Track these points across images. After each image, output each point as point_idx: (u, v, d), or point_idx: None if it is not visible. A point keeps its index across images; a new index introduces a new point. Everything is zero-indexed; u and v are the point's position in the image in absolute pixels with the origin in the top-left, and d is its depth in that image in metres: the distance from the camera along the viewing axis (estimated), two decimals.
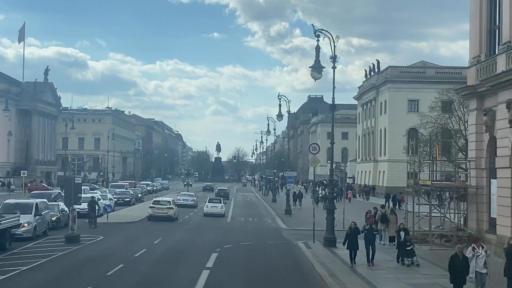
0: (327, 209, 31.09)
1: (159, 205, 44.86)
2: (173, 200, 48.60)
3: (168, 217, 43.81)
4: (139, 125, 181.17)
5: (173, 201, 48.10)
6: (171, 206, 45.17)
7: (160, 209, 44.33)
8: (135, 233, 36.14)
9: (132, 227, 39.60)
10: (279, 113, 54.08)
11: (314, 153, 32.77)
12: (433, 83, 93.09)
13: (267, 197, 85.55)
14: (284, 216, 51.59)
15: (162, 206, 44.78)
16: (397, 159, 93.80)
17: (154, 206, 44.63)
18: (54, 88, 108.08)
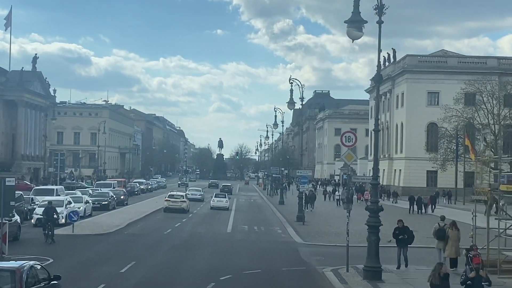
0: (370, 225, 21.09)
1: (173, 199, 49.00)
2: (185, 194, 54.85)
3: (181, 209, 47.69)
4: (139, 120, 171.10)
5: (186, 195, 53.80)
6: (184, 199, 49.63)
7: (175, 202, 48.42)
8: (102, 252, 26.14)
9: (102, 242, 29.52)
10: (290, 100, 44.13)
11: (348, 145, 22.86)
12: (455, 74, 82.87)
13: (273, 198, 75.46)
14: (296, 224, 41.56)
15: (176, 199, 48.90)
16: (415, 157, 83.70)
17: (170, 200, 48.79)
18: (43, 78, 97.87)
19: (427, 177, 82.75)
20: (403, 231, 22.74)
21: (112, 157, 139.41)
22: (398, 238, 22.59)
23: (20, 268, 12.97)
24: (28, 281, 12.86)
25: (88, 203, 41.64)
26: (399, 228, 22.84)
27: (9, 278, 12.57)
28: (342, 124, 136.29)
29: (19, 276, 12.65)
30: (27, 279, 12.88)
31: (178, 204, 48.21)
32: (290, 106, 44.31)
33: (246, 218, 46.44)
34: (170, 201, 48.47)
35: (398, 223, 22.98)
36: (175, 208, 47.44)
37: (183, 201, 48.88)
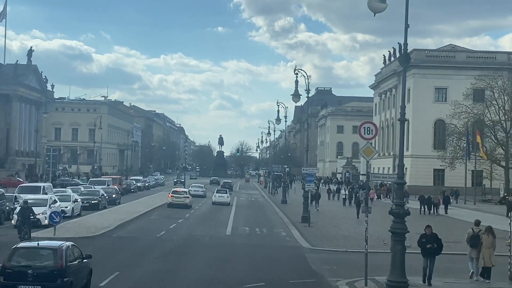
0: (396, 232, 17.61)
1: (177, 195, 50.36)
2: (188, 190, 56.42)
3: (184, 204, 48.79)
4: (139, 117, 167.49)
5: (189, 191, 55.29)
6: (187, 195, 51.13)
7: (178, 198, 49.63)
8: None
9: (85, 246, 25.51)
10: (295, 92, 40.60)
11: (368, 138, 19.45)
12: (464, 69, 79.33)
13: (274, 196, 71.95)
14: (301, 225, 38.09)
15: (179, 195, 50.29)
16: (422, 155, 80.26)
17: (173, 195, 50.15)
18: (39, 72, 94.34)
19: (434, 175, 79.33)
20: (432, 239, 19.17)
21: (111, 154, 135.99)
22: (426, 247, 19.02)
23: (60, 247, 15.38)
24: (67, 258, 15.13)
25: (77, 202, 38.16)
26: (426, 235, 19.23)
27: (51, 255, 15.02)
28: (344, 122, 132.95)
29: (60, 253, 14.99)
30: (66, 256, 15.14)
31: (182, 199, 49.65)
32: (294, 98, 40.80)
33: (247, 219, 43.00)
34: (174, 196, 50.02)
35: (426, 230, 19.38)
36: (179, 203, 48.83)
37: (186, 197, 50.47)
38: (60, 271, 14.70)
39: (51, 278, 14.59)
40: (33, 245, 15.94)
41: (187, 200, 50.00)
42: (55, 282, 14.56)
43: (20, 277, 14.53)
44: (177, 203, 48.80)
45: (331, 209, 51.81)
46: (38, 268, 14.75)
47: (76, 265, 15.70)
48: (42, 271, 14.69)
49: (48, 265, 14.84)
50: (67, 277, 14.78)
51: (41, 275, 14.60)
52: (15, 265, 14.77)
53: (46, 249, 15.50)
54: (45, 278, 14.57)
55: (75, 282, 15.32)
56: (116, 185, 59.88)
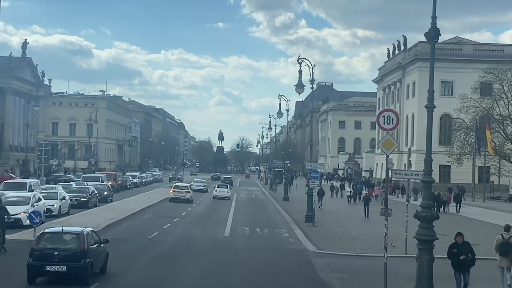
0: (422, 239, 14.82)
1: (179, 189, 51.27)
2: (189, 185, 57.04)
3: (186, 199, 49.76)
4: (138, 112, 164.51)
5: (190, 186, 56.27)
6: (188, 190, 51.96)
7: (180, 193, 50.52)
8: None
9: None
10: (299, 82, 37.76)
11: (388, 129, 16.75)
12: (470, 62, 76.44)
13: (275, 193, 69.13)
14: (304, 225, 35.32)
15: (181, 190, 51.23)
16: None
17: (175, 190, 51.08)
18: (33, 65, 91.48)
19: (439, 171, 76.48)
20: (464, 249, 16.09)
21: (109, 149, 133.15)
22: (459, 259, 15.98)
23: (82, 232, 17.14)
24: (89, 241, 16.74)
25: (64, 200, 35.37)
26: (458, 245, 16.08)
27: (75, 239, 16.69)
28: (346, 117, 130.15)
29: (82, 238, 16.62)
30: (87, 240, 16.75)
31: (183, 194, 50.49)
32: (298, 89, 37.92)
33: (247, 217, 40.23)
34: (176, 191, 50.93)
35: (457, 238, 16.15)
36: (180, 198, 49.67)
37: (188, 192, 51.36)
38: (82, 253, 16.36)
39: (75, 259, 16.22)
40: (58, 230, 17.68)
41: (188, 194, 50.81)
42: (78, 262, 16.22)
43: (48, 258, 16.20)
44: (178, 198, 49.63)
45: (335, 207, 49.03)
46: (63, 250, 16.40)
47: (95, 248, 17.33)
48: (67, 253, 16.33)
49: (72, 248, 16.52)
50: (88, 258, 16.47)
51: (66, 256, 16.25)
52: (43, 248, 16.45)
53: (70, 233, 17.31)
54: (69, 259, 16.20)
55: (95, 263, 17.10)
56: (111, 182, 57.14)
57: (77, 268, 16.29)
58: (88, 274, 16.56)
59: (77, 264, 16.25)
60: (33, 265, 16.29)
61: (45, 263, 16.20)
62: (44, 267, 16.21)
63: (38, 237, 17.27)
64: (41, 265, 16.21)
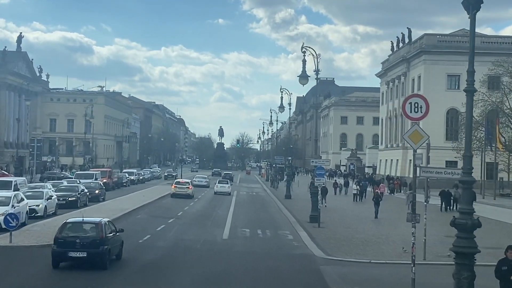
0: (462, 252, 12.00)
1: (180, 185, 51.94)
2: (191, 181, 57.26)
3: (187, 194, 50.21)
4: (137, 108, 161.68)
5: (191, 181, 56.46)
6: (189, 186, 52.31)
7: (181, 188, 51.10)
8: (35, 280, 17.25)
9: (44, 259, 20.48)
10: (302, 72, 34.95)
11: (415, 118, 14.02)
12: (478, 55, 72.86)
13: (277, 190, 66.34)
14: (309, 226, 32.60)
15: (182, 186, 51.80)
16: (433, 146, 74.20)
17: (177, 186, 51.76)
18: (29, 59, 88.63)
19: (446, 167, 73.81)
20: None
21: (107, 146, 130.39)
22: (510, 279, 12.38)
23: (100, 221, 19.27)
24: (106, 230, 18.81)
25: (51, 200, 32.62)
26: (508, 261, 12.58)
27: (94, 228, 18.73)
28: (348, 112, 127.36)
29: (100, 227, 18.70)
30: (105, 229, 18.81)
31: (184, 190, 51.00)
32: (302, 80, 35.09)
33: (248, 217, 37.47)
34: (177, 187, 51.56)
35: (507, 253, 12.63)
36: (182, 193, 50.20)
37: (189, 188, 51.79)
38: (101, 240, 17.96)
39: (94, 246, 17.79)
40: (79, 220, 19.53)
41: (189, 190, 51.30)
42: (97, 249, 17.78)
43: (70, 245, 17.80)
44: (180, 193, 50.15)
45: (340, 206, 46.23)
46: (84, 238, 18.00)
47: (112, 237, 19.02)
48: (87, 241, 17.91)
49: (91, 236, 18.11)
50: (106, 245, 18.06)
51: (86, 243, 17.83)
52: (65, 236, 18.05)
53: (90, 223, 19.06)
54: (89, 246, 17.77)
55: (112, 249, 18.78)
56: (105, 179, 54.45)
57: (96, 254, 17.94)
58: (106, 259, 18.22)
59: (96, 251, 17.91)
60: (57, 251, 18.00)
61: (67, 249, 17.89)
62: (67, 253, 17.90)
63: (61, 226, 19.05)
64: (64, 251, 17.92)
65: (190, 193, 50.79)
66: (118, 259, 19.77)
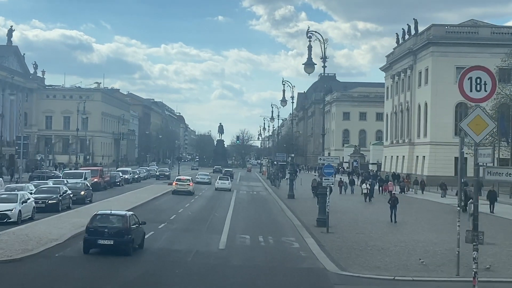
0: None
1: (181, 182, 52.35)
2: (191, 178, 57.25)
3: (188, 191, 50.90)
4: (136, 105, 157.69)
5: (192, 179, 56.49)
6: (190, 183, 52.74)
7: (182, 185, 51.63)
8: None
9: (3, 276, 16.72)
10: (308, 60, 31.05)
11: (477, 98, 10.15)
12: (488, 46, 69.70)
13: (279, 189, 62.49)
14: (317, 231, 28.82)
15: (183, 183, 52.32)
16: (442, 142, 70.74)
17: (178, 183, 52.15)
18: (20, 54, 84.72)
19: (455, 164, 69.85)
20: None
21: (105, 143, 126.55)
22: None
23: (126, 214, 21.56)
24: (130, 222, 20.89)
25: (27, 203, 28.80)
26: None
27: (120, 219, 20.92)
28: (350, 108, 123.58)
29: (125, 219, 20.87)
30: (130, 221, 20.90)
31: (185, 187, 51.61)
32: (308, 69, 31.15)
33: (248, 221, 33.65)
34: (178, 184, 52.05)
35: None
36: (183, 190, 50.90)
37: (190, 184, 52.30)
38: (126, 230, 20.39)
39: (120, 235, 20.26)
40: (107, 213, 21.50)
41: (190, 187, 51.82)
42: (122, 238, 20.25)
43: (99, 234, 20.22)
44: (181, 190, 50.67)
45: (348, 207, 42.37)
46: (111, 228, 20.47)
47: (136, 228, 21.21)
48: (114, 230, 20.37)
49: (118, 226, 20.54)
50: (130, 235, 20.47)
51: (113, 233, 20.29)
52: (95, 225, 20.50)
53: (116, 215, 21.34)
54: (116, 235, 20.24)
55: (135, 239, 21.04)
56: (96, 178, 50.61)
57: (121, 242, 20.02)
58: (130, 247, 20.33)
59: (121, 239, 20.04)
60: (88, 239, 20.13)
61: (97, 237, 20.01)
62: (97, 240, 20.01)
63: (92, 217, 21.04)
64: (94, 239, 20.03)
65: (191, 189, 51.53)
66: (140, 248, 21.65)
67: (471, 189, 44.87)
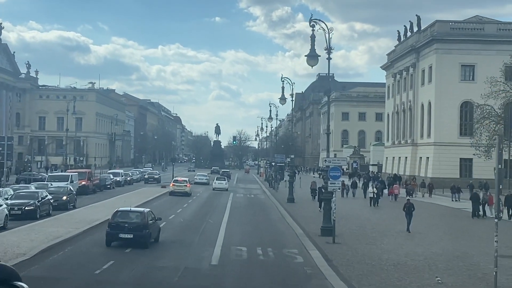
0: None
1: (178, 183, 52.92)
2: (188, 179, 57.18)
3: (185, 192, 51.36)
4: (132, 105, 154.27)
5: (189, 180, 56.62)
6: (187, 184, 53.31)
7: (179, 187, 52.19)
8: None
9: None
10: (311, 51, 27.87)
11: None
12: (494, 43, 66.65)
13: (278, 192, 59.23)
14: (321, 241, 25.60)
15: (180, 184, 52.73)
16: (446, 142, 67.61)
17: (175, 184, 52.85)
18: (10, 52, 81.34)
19: (460, 166, 66.81)
20: None
21: (99, 144, 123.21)
22: None
23: (144, 211, 23.98)
24: (147, 218, 23.03)
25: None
26: None
27: (139, 215, 23.12)
28: (350, 108, 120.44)
29: (143, 215, 23.07)
30: (147, 217, 23.10)
31: (182, 188, 51.94)
32: (311, 61, 27.99)
33: (245, 229, 30.34)
34: (175, 185, 52.45)
35: None
36: (180, 191, 51.11)
37: (187, 185, 52.75)
38: (144, 225, 22.43)
39: (138, 229, 22.17)
40: (127, 209, 24.40)
41: (187, 188, 52.12)
42: (141, 232, 22.16)
43: (120, 228, 22.22)
44: (178, 191, 50.90)
45: (352, 212, 39.08)
46: (131, 223, 22.41)
47: (152, 223, 23.51)
48: (133, 225, 22.28)
49: (137, 222, 22.52)
50: (147, 230, 22.48)
51: (133, 227, 22.19)
52: (116, 221, 22.51)
53: (135, 212, 23.81)
54: (135, 229, 22.13)
55: (152, 233, 23.16)
56: (84, 181, 47.32)
57: (140, 236, 22.06)
58: (147, 240, 22.35)
59: (140, 233, 22.11)
60: (110, 233, 22.20)
61: (118, 231, 22.15)
62: (118, 234, 22.12)
63: (113, 214, 23.23)
64: (116, 233, 22.16)
65: (187, 191, 51.90)
66: (156, 242, 23.42)
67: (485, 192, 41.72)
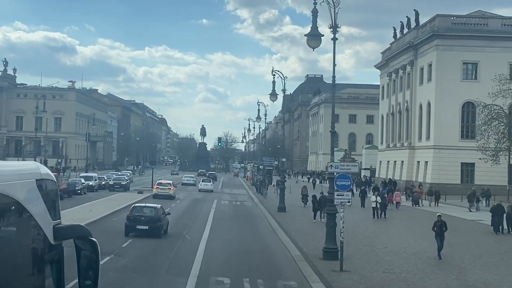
0: None
1: (162, 186, 51.86)
2: (172, 182, 56.18)
3: (168, 195, 50.06)
4: (115, 106, 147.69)
5: (172, 183, 55.30)
6: (171, 187, 52.27)
7: (163, 189, 51.05)
8: None
9: None
10: (312, 29, 21.99)
11: None
12: (498, 40, 61.24)
13: (266, 199, 53.22)
14: (326, 268, 19.79)
15: (164, 187, 51.77)
16: (447, 146, 62.06)
17: (158, 187, 51.66)
18: None
19: (461, 171, 61.37)
20: None
21: (79, 146, 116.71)
22: None
23: (157, 206, 27.55)
24: (160, 212, 26.87)
25: None
26: None
27: (153, 210, 26.77)
28: (340, 110, 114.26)
29: (156, 210, 26.84)
30: (159, 211, 26.92)
31: (166, 191, 50.72)
32: (312, 42, 22.06)
33: (229, 250, 24.22)
34: (159, 188, 51.12)
35: None
36: (163, 194, 49.84)
37: (170, 188, 51.51)
38: (157, 218, 26.28)
39: (153, 222, 25.99)
40: (143, 205, 28.64)
41: (171, 191, 51.02)
42: (155, 224, 25.97)
43: (137, 220, 26.06)
44: (161, 194, 49.72)
45: (355, 225, 32.89)
46: (146, 216, 26.16)
47: (163, 217, 27.09)
48: (148, 218, 26.06)
49: (151, 215, 26.27)
50: (160, 222, 26.33)
51: (148, 220, 25.98)
52: (134, 214, 26.41)
53: (150, 207, 27.41)
54: (150, 222, 25.92)
55: (163, 226, 26.86)
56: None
57: (154, 227, 25.90)
58: (160, 231, 26.25)
59: (154, 225, 25.95)
60: (128, 225, 26.13)
61: (135, 224, 26.03)
62: (135, 226, 25.99)
63: (131, 209, 27.33)
64: (133, 225, 26.06)
65: (171, 194, 50.92)
66: (165, 233, 27.05)
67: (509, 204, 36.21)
